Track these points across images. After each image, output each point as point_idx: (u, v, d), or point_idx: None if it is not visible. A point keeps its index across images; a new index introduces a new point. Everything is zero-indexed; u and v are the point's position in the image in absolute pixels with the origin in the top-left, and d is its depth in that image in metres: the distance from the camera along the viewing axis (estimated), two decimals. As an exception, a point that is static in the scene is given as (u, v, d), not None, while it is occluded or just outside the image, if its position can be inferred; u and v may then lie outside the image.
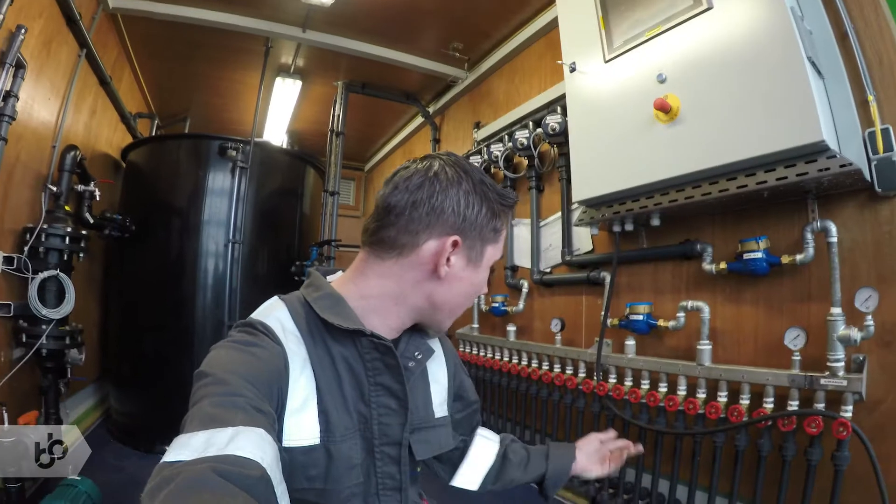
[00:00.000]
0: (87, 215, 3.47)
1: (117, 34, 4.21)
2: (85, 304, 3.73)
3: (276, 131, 5.77)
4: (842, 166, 1.74)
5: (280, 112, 5.40)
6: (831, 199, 2.00)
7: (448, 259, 0.95)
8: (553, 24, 3.45)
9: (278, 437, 0.84)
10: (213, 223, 3.93)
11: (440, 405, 1.15)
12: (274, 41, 4.23)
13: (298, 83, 4.93)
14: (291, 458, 0.87)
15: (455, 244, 0.94)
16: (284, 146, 5.69)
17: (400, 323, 1.03)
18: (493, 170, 3.93)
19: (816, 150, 1.80)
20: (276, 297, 1.04)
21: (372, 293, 0.99)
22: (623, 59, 2.47)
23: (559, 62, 2.81)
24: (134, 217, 3.90)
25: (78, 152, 3.28)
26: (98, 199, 3.51)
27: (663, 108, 2.20)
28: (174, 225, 3.95)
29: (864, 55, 1.91)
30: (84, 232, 3.23)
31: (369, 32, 4.10)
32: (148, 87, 5.19)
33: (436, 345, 1.16)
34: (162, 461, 0.63)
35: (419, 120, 5.49)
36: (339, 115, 4.83)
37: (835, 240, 1.91)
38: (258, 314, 0.99)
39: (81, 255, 3.21)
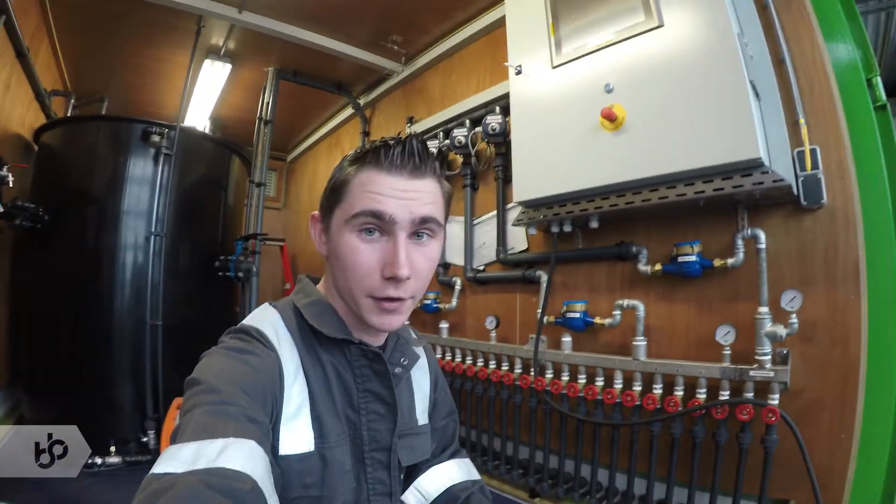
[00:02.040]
0: (-2, 203, 3.11)
1: (39, 1, 3.84)
2: (-9, 302, 3.35)
3: (198, 116, 5.45)
4: (774, 181, 1.94)
5: (205, 96, 5.11)
6: (760, 210, 2.21)
7: (321, 235, 0.99)
8: (496, 25, 3.54)
9: (274, 445, 0.85)
10: (132, 214, 3.67)
11: (422, 413, 1.16)
12: (206, 21, 3.98)
13: (228, 67, 4.69)
14: (287, 467, 0.87)
15: (314, 218, 0.99)
16: (207, 132, 5.39)
17: (353, 319, 0.99)
18: (425, 167, 3.95)
19: (752, 166, 1.99)
20: (267, 304, 1.03)
21: (331, 290, 1.01)
22: (571, 66, 2.56)
23: (505, 64, 2.88)
24: (47, 206, 3.56)
25: (-15, 132, 2.95)
26: (11, 185, 3.18)
27: (609, 116, 2.32)
28: (91, 215, 3.66)
29: (797, 81, 2.13)
30: (-8, 222, 2.90)
31: (307, 18, 3.97)
32: (66, 62, 4.73)
33: (421, 352, 1.16)
34: (151, 473, 0.63)
35: (349, 111, 5.41)
36: (268, 103, 4.67)
37: (763, 246, 2.11)
38: (251, 320, 0.98)
39: (-13, 247, 2.89)
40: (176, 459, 0.63)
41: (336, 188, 0.93)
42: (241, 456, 0.67)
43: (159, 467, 0.63)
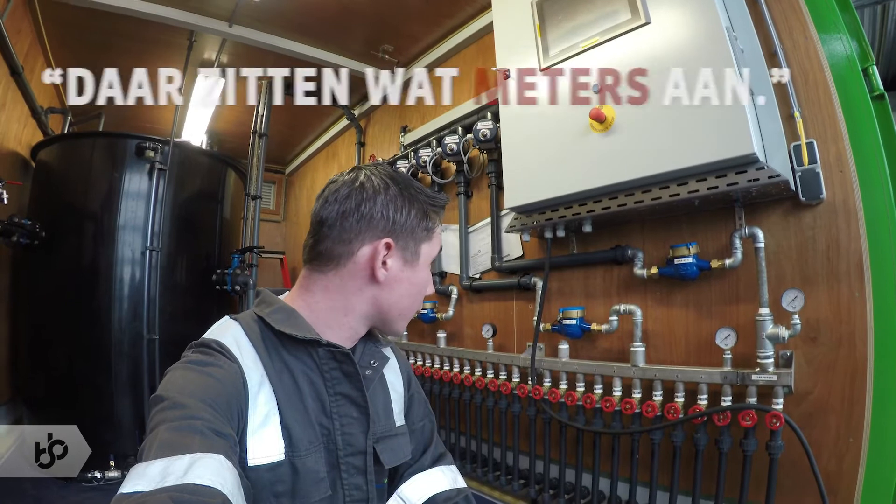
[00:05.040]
0: (-6, 220, 3.12)
1: (32, 20, 3.85)
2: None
3: (195, 131, 5.46)
4: (770, 177, 1.87)
5: (200, 110, 5.10)
6: (757, 207, 2.15)
7: (384, 262, 0.99)
8: (484, 31, 3.51)
9: (242, 456, 0.84)
10: (129, 229, 3.70)
11: (399, 413, 1.16)
12: (198, 35, 4.00)
13: (221, 80, 4.65)
14: (258, 477, 0.86)
15: (388, 246, 0.99)
16: (204, 147, 5.41)
17: (353, 333, 1.04)
18: (420, 175, 3.92)
19: (747, 162, 1.91)
20: (227, 317, 1.03)
21: (320, 307, 1.00)
22: (559, 68, 2.51)
23: (493, 69, 2.84)
24: (44, 222, 3.58)
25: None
26: (6, 202, 3.19)
27: (598, 117, 2.27)
28: (87, 231, 3.69)
29: (791, 73, 2.07)
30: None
31: (298, 31, 3.97)
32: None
33: (389, 353, 1.17)
34: (119, 492, 0.63)
35: (344, 122, 5.40)
36: (262, 116, 4.64)
37: (762, 245, 2.04)
38: (212, 333, 0.97)
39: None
40: (144, 478, 0.64)
41: (428, 228, 1.06)
42: (209, 471, 0.67)
43: (127, 486, 0.63)
